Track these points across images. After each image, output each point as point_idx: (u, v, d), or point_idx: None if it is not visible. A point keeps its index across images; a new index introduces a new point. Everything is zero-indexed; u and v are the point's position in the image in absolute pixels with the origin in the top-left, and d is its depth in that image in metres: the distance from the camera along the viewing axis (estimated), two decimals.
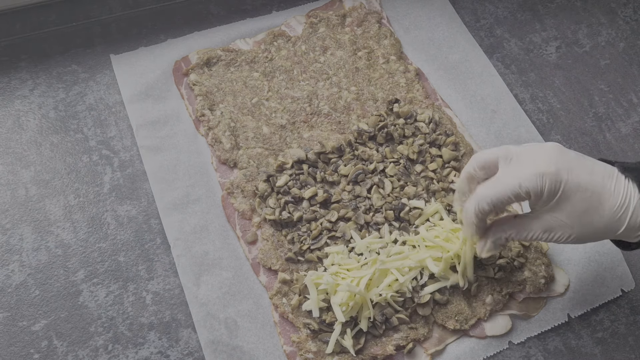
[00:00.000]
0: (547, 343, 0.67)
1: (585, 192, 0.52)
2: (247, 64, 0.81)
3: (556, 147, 0.54)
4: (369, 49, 0.83)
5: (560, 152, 0.53)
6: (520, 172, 0.53)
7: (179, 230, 0.70)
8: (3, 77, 0.79)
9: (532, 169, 0.52)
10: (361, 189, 0.72)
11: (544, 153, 0.53)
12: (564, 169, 0.52)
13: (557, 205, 0.53)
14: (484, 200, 0.54)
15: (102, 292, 0.67)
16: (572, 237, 0.54)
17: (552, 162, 0.52)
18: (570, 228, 0.53)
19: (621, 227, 0.53)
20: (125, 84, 0.79)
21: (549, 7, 0.93)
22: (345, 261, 0.66)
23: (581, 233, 0.53)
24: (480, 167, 0.56)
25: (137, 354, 0.64)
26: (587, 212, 0.52)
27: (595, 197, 0.52)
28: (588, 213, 0.52)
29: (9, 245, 0.69)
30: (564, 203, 0.52)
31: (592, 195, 0.52)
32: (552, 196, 0.52)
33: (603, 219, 0.52)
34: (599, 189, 0.52)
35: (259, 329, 0.66)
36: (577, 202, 0.52)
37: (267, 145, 0.75)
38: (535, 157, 0.53)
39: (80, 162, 0.74)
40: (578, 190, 0.52)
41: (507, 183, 0.53)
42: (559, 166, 0.52)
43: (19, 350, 0.63)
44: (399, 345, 0.65)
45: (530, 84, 0.85)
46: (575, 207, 0.52)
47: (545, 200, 0.53)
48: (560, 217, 0.53)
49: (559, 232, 0.54)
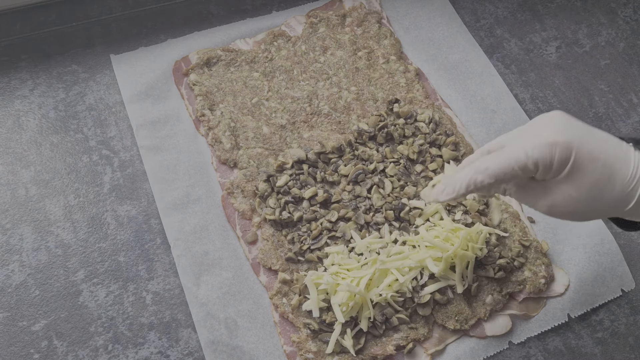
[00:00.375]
0: (547, 343, 0.67)
1: (597, 162, 0.47)
2: (247, 64, 0.81)
3: (563, 115, 0.49)
4: (369, 49, 0.83)
5: (566, 119, 0.49)
6: (527, 141, 0.48)
7: (179, 230, 0.70)
8: (3, 77, 0.79)
9: (540, 139, 0.47)
10: (361, 189, 0.72)
11: (552, 121, 0.48)
12: (575, 136, 0.47)
13: (566, 177, 0.48)
14: (484, 171, 0.49)
15: (102, 292, 0.67)
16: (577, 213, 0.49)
17: (562, 130, 0.47)
18: (577, 202, 0.48)
19: (631, 202, 0.48)
20: (125, 84, 0.79)
21: (549, 7, 0.93)
22: (345, 261, 0.66)
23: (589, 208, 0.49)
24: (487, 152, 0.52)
25: (137, 354, 0.64)
26: (598, 185, 0.47)
27: (607, 168, 0.47)
28: (598, 185, 0.47)
29: (9, 245, 0.69)
30: (574, 174, 0.47)
31: (604, 166, 0.47)
32: (562, 167, 0.47)
33: (614, 192, 0.48)
34: (611, 160, 0.47)
35: (259, 329, 0.66)
36: (588, 173, 0.47)
37: (267, 145, 0.75)
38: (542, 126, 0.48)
39: (80, 162, 0.74)
40: (590, 160, 0.47)
41: (512, 152, 0.48)
42: (569, 134, 0.47)
43: (19, 350, 0.63)
44: (399, 345, 0.65)
45: (530, 84, 0.85)
46: (586, 179, 0.47)
47: (556, 172, 0.48)
48: (568, 189, 0.48)
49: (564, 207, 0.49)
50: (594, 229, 0.73)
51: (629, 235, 0.74)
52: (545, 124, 0.48)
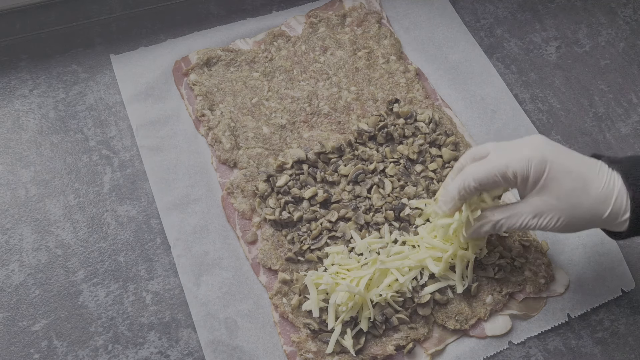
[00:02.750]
0: (547, 343, 0.67)
1: (571, 174, 0.55)
2: (247, 64, 0.81)
3: (542, 138, 0.57)
4: (369, 49, 0.83)
5: (545, 141, 0.57)
6: (508, 155, 0.56)
7: (179, 230, 0.70)
8: (3, 77, 0.79)
9: (519, 154, 0.56)
10: (361, 189, 0.72)
11: (531, 141, 0.57)
12: (549, 153, 0.55)
13: (544, 187, 0.55)
14: (470, 176, 0.57)
15: (102, 292, 0.67)
16: (561, 220, 0.55)
17: (538, 148, 0.56)
18: (559, 210, 0.55)
19: (607, 210, 0.55)
20: (125, 84, 0.79)
21: (549, 7, 0.93)
22: (345, 261, 0.66)
23: (571, 215, 0.55)
24: (472, 160, 0.59)
25: (137, 354, 0.64)
26: (575, 192, 0.54)
27: (581, 178, 0.55)
28: (575, 193, 0.54)
29: (9, 245, 0.69)
30: (550, 184, 0.55)
31: (578, 176, 0.55)
32: (538, 179, 0.55)
33: (590, 200, 0.54)
34: (584, 171, 0.55)
35: (259, 329, 0.66)
36: (563, 182, 0.55)
37: (267, 145, 0.75)
38: (522, 145, 0.57)
39: (80, 162, 0.74)
40: (563, 171, 0.55)
41: (495, 163, 0.56)
42: (545, 151, 0.55)
43: (19, 350, 0.63)
44: (399, 345, 0.65)
45: (530, 84, 0.85)
46: (562, 188, 0.55)
47: (532, 183, 0.55)
48: (548, 199, 0.55)
49: (548, 215, 0.56)
50: (594, 229, 0.72)
51: None
52: (526, 143, 0.57)
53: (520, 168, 0.55)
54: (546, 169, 0.55)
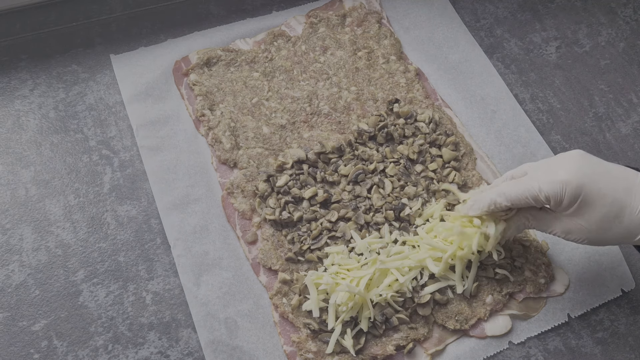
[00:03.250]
0: (547, 343, 0.67)
1: (606, 199, 0.53)
2: (247, 64, 0.81)
3: (579, 155, 0.55)
4: (369, 49, 0.83)
5: (582, 160, 0.55)
6: (542, 177, 0.55)
7: (179, 230, 0.70)
8: (3, 77, 0.79)
9: (553, 176, 0.54)
10: (361, 189, 0.72)
11: (567, 161, 0.55)
12: (586, 177, 0.53)
13: (577, 211, 0.54)
14: (503, 195, 0.58)
15: (102, 292, 0.67)
16: (588, 240, 0.56)
17: (573, 171, 0.54)
18: (588, 232, 0.55)
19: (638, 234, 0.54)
20: (125, 84, 0.79)
21: (549, 7, 0.93)
22: (345, 261, 0.66)
23: (599, 238, 0.55)
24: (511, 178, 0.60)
25: (137, 354, 0.64)
26: (607, 218, 0.53)
27: (616, 204, 0.53)
28: (607, 219, 0.53)
29: (9, 245, 0.69)
30: (584, 209, 0.54)
31: (613, 202, 0.53)
32: (572, 203, 0.54)
33: (622, 224, 0.53)
34: (620, 196, 0.53)
35: (259, 329, 0.66)
36: (597, 208, 0.53)
37: (267, 145, 0.75)
38: (558, 165, 0.55)
39: (80, 162, 0.74)
40: (598, 197, 0.53)
41: (528, 185, 0.56)
42: (580, 174, 0.53)
43: (19, 350, 0.63)
44: (399, 345, 0.65)
45: (530, 84, 0.85)
46: (594, 214, 0.54)
47: (566, 207, 0.55)
48: (580, 222, 0.55)
49: (577, 234, 0.56)
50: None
51: None
52: (562, 163, 0.55)
53: (553, 192, 0.54)
54: (581, 195, 0.53)
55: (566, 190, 0.54)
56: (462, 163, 0.75)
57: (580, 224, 0.55)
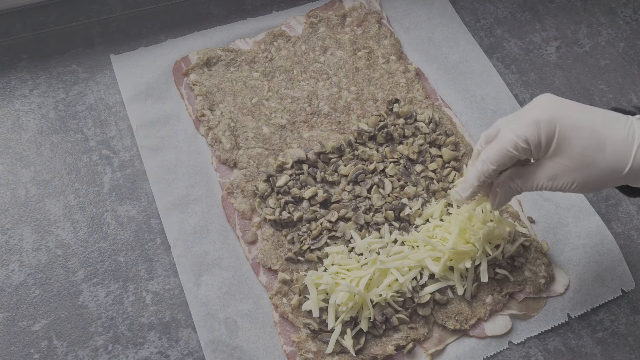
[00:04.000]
0: (547, 343, 0.67)
1: (583, 131, 0.51)
2: (247, 64, 0.81)
3: (549, 96, 0.54)
4: (369, 49, 0.83)
5: (553, 99, 0.54)
6: (515, 124, 0.53)
7: (179, 230, 0.70)
8: (3, 77, 0.79)
9: (525, 119, 0.52)
10: (361, 189, 0.72)
11: (537, 103, 0.54)
12: (558, 112, 0.52)
13: (557, 149, 0.52)
14: (487, 160, 0.55)
15: (102, 292, 0.67)
16: (576, 182, 0.53)
17: (544, 109, 0.52)
18: (573, 171, 0.52)
19: (627, 165, 0.51)
20: (125, 84, 0.79)
21: (549, 7, 0.93)
22: (345, 261, 0.66)
23: (586, 176, 0.52)
24: (486, 142, 0.57)
25: (137, 354, 0.64)
26: (588, 151, 0.51)
27: (594, 135, 0.51)
28: (589, 151, 0.51)
29: (9, 245, 0.69)
30: (563, 145, 0.52)
31: (592, 133, 0.51)
32: (550, 140, 0.52)
33: (606, 157, 0.51)
34: (598, 127, 0.51)
35: (259, 329, 0.66)
36: (576, 141, 0.51)
37: (267, 145, 0.75)
38: (528, 109, 0.54)
39: (80, 162, 0.74)
40: (575, 129, 0.51)
41: (505, 139, 0.53)
42: (551, 110, 0.52)
43: (19, 350, 0.63)
44: (399, 345, 0.65)
45: (530, 84, 0.85)
46: (575, 148, 0.51)
47: (545, 146, 0.52)
48: (562, 160, 0.52)
49: (563, 178, 0.53)
50: (594, 229, 0.73)
51: (629, 235, 0.74)
52: (533, 105, 0.54)
53: (530, 134, 0.52)
54: (556, 129, 0.51)
55: (541, 128, 0.52)
56: (462, 163, 0.75)
57: (563, 164, 0.52)
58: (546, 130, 0.52)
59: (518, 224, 0.71)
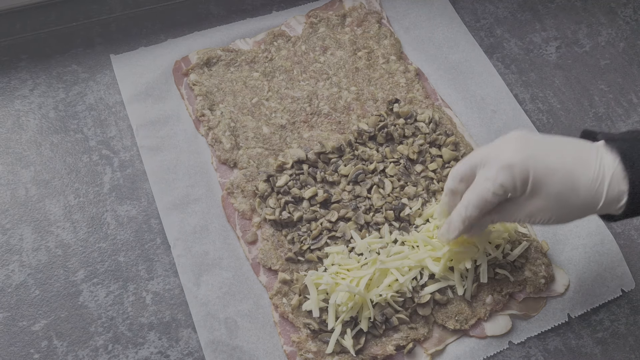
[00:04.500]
0: (547, 343, 0.67)
1: (556, 174, 0.52)
2: (247, 64, 0.81)
3: (519, 136, 0.54)
4: (369, 49, 0.83)
5: (523, 140, 0.54)
6: (490, 170, 0.54)
7: (179, 230, 0.70)
8: (3, 77, 0.79)
9: (499, 164, 0.53)
10: (361, 189, 0.72)
11: (508, 145, 0.54)
12: (530, 155, 0.52)
13: (532, 191, 0.53)
14: (470, 205, 0.56)
15: (102, 292, 0.67)
16: (553, 218, 0.54)
17: (516, 152, 0.53)
18: (549, 211, 0.54)
19: (599, 202, 0.52)
20: (125, 84, 0.79)
21: (549, 7, 0.93)
22: (345, 261, 0.66)
23: (562, 213, 0.54)
24: (459, 181, 0.58)
25: (137, 354, 0.64)
26: (562, 193, 0.52)
27: (568, 177, 0.52)
28: (563, 194, 0.52)
29: (9, 245, 0.69)
30: (537, 187, 0.53)
31: (564, 177, 0.52)
32: (525, 183, 0.53)
33: (579, 196, 0.52)
34: (570, 168, 0.52)
35: (259, 329, 0.66)
36: (551, 186, 0.52)
37: (267, 145, 0.75)
38: (500, 152, 0.54)
39: (80, 162, 0.74)
40: (548, 173, 0.52)
41: (483, 184, 0.55)
42: (524, 154, 0.52)
43: (19, 350, 0.63)
44: (399, 345, 0.65)
45: (530, 84, 0.85)
46: (550, 190, 0.52)
47: (521, 189, 0.53)
48: (537, 202, 0.54)
49: (540, 215, 0.54)
50: (593, 229, 0.73)
51: (629, 235, 0.74)
52: (504, 148, 0.54)
53: (504, 179, 0.53)
54: (530, 174, 0.52)
55: (515, 173, 0.52)
56: None
57: (539, 204, 0.54)
58: (520, 176, 0.52)
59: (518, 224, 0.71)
